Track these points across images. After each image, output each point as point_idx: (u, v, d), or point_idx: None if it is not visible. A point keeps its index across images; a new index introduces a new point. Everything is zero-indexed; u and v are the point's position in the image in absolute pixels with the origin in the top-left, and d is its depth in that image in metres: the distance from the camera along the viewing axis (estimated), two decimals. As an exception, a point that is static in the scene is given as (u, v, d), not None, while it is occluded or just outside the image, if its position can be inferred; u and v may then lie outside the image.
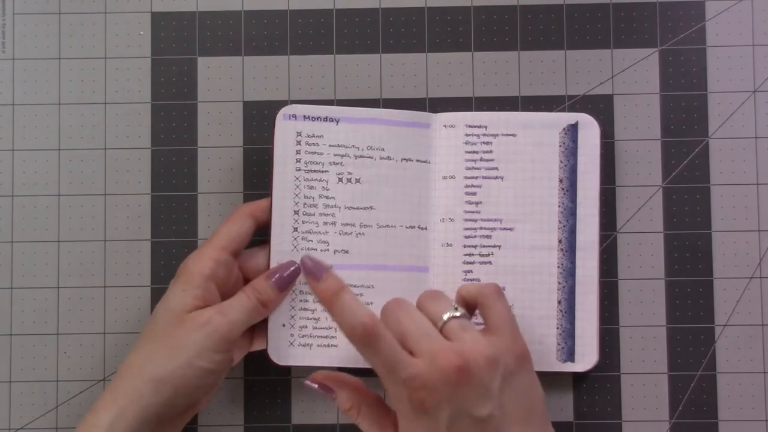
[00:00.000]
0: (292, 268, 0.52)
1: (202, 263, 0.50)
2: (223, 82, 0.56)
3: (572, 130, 0.54)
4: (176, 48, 0.56)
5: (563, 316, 0.53)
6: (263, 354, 0.53)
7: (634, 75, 0.56)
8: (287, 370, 0.55)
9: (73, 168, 0.56)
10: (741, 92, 0.56)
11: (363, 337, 0.46)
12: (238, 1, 0.57)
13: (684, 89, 0.56)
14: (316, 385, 0.50)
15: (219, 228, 0.52)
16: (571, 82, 0.56)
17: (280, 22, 0.56)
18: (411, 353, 0.46)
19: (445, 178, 0.54)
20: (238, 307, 0.50)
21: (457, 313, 0.48)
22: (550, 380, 0.54)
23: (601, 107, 0.56)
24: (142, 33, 0.57)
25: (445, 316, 0.48)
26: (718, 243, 0.55)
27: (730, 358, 0.55)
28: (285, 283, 0.52)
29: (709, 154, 0.55)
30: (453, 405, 0.45)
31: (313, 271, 0.50)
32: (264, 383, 0.55)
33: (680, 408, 0.54)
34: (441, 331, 0.48)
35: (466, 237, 0.54)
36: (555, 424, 0.52)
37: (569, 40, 0.56)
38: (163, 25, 0.57)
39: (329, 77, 0.56)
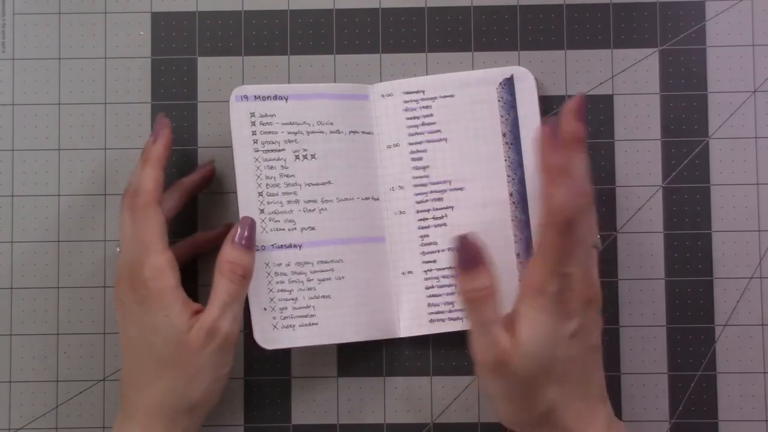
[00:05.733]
0: (248, 223, 0.50)
1: (164, 277, 0.47)
2: (223, 82, 0.56)
3: (508, 83, 0.54)
4: (176, 48, 0.56)
5: (524, 268, 0.53)
6: (263, 354, 0.53)
7: (634, 75, 0.56)
8: (287, 370, 0.55)
9: (73, 168, 0.56)
10: (741, 92, 0.56)
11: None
12: (238, 1, 0.57)
13: (684, 89, 0.56)
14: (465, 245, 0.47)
15: (141, 232, 0.48)
16: (571, 82, 0.56)
17: (280, 22, 0.56)
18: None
19: (389, 147, 0.55)
20: (229, 297, 0.48)
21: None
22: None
23: (601, 107, 0.56)
24: (142, 33, 0.57)
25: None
26: (718, 243, 0.55)
27: (730, 358, 0.55)
28: (251, 240, 0.49)
29: (709, 154, 0.55)
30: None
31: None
32: (264, 383, 0.55)
33: (680, 408, 0.54)
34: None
35: (418, 203, 0.54)
36: (555, 424, 0.52)
37: (569, 40, 0.56)
38: (163, 25, 0.57)
39: (329, 77, 0.56)
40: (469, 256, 0.46)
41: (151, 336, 0.48)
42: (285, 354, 0.55)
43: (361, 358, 0.55)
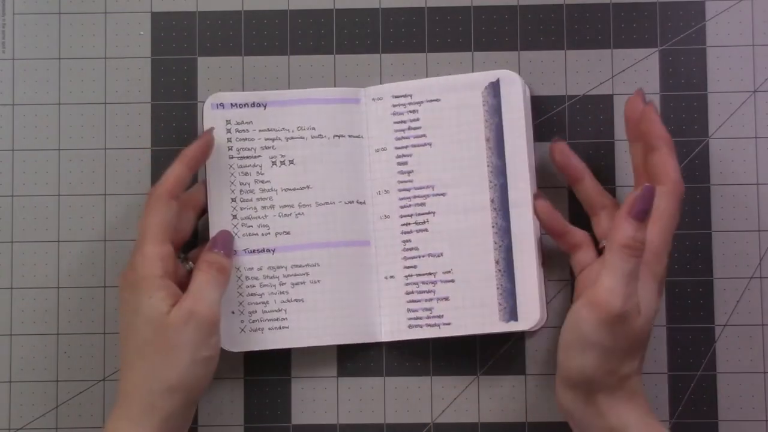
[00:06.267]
0: (225, 236, 0.53)
1: (151, 266, 0.49)
2: (223, 82, 0.56)
3: (494, 87, 0.54)
4: (176, 48, 0.56)
5: (502, 275, 0.53)
6: (264, 355, 0.53)
7: (634, 75, 0.56)
8: (287, 370, 0.55)
9: (73, 168, 0.56)
10: (741, 92, 0.56)
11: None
12: (238, 1, 0.57)
13: (684, 89, 0.56)
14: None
15: (146, 221, 0.50)
16: (571, 82, 0.56)
17: (280, 22, 0.56)
18: None
19: (377, 151, 0.55)
20: (205, 285, 0.50)
21: None
22: (549, 382, 0.54)
23: (601, 107, 0.56)
24: (142, 33, 0.57)
25: None
26: (718, 243, 0.55)
27: (730, 358, 0.55)
28: (228, 249, 0.52)
29: (709, 154, 0.55)
30: None
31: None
32: (264, 383, 0.55)
33: (680, 408, 0.54)
34: None
35: (402, 207, 0.54)
36: (553, 425, 0.52)
37: (569, 40, 0.56)
38: (163, 25, 0.57)
39: (329, 77, 0.56)
40: (648, 208, 0.46)
41: (134, 318, 0.49)
42: (285, 354, 0.55)
43: (361, 358, 0.55)
